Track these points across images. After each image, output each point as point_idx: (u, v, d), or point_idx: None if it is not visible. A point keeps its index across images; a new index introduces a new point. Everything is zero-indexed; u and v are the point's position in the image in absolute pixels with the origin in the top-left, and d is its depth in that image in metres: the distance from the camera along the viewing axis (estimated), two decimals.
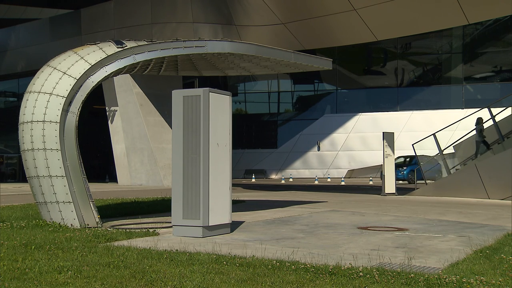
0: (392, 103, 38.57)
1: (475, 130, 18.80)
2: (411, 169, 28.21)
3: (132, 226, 9.67)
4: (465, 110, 32.53)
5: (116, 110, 29.67)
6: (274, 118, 43.30)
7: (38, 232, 8.37)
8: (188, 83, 30.68)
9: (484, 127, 18.62)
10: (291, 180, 36.44)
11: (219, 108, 8.62)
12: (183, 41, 10.47)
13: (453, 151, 20.22)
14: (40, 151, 9.13)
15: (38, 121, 9.14)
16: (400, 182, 28.60)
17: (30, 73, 19.31)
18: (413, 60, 39.73)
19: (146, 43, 10.18)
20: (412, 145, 20.72)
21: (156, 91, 28.64)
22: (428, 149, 21.29)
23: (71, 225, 9.07)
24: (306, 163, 39.37)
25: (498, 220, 11.31)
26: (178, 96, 8.56)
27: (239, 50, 11.09)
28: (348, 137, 38.25)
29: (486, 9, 22.80)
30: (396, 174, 24.89)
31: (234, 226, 9.43)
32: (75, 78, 9.28)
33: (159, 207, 13.26)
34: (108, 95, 29.86)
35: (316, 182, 32.90)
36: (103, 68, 9.57)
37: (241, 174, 39.15)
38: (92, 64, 9.44)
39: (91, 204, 9.29)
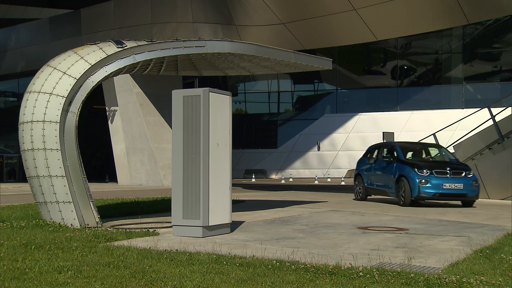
0: (392, 103, 38.57)
1: None
2: None
3: (132, 226, 9.66)
4: (465, 110, 32.50)
5: (116, 110, 29.67)
6: (274, 118, 43.29)
7: (38, 232, 8.37)
8: (188, 83, 30.67)
9: None
10: (291, 180, 36.44)
11: (219, 108, 8.62)
12: (183, 41, 10.47)
13: (453, 151, 20.23)
14: (40, 151, 9.13)
15: (38, 121, 9.14)
16: None
17: (30, 73, 19.29)
18: (413, 60, 39.73)
19: (146, 43, 10.18)
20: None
21: (156, 91, 28.63)
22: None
23: (71, 225, 9.07)
24: (306, 163, 39.37)
25: (498, 220, 11.31)
26: (178, 96, 8.56)
27: (239, 50, 11.09)
28: (348, 137, 38.24)
29: (486, 9, 22.82)
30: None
31: (234, 226, 9.43)
32: (75, 78, 9.28)
33: (159, 207, 13.26)
34: (108, 95, 29.86)
35: (316, 182, 32.91)
36: (103, 68, 9.57)
37: (241, 174, 39.14)
38: (92, 64, 9.43)
39: (91, 204, 9.29)
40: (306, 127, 40.00)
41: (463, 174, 14.67)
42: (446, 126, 20.56)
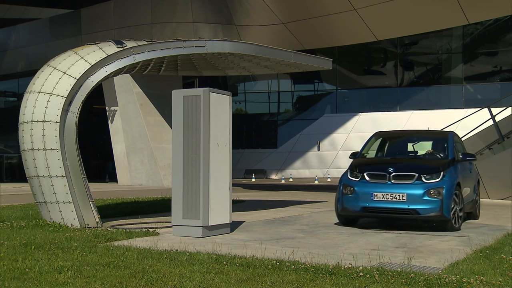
0: (392, 103, 38.56)
1: None
2: None
3: (132, 226, 9.67)
4: (465, 110, 32.48)
5: (116, 110, 29.66)
6: (274, 118, 43.27)
7: (38, 232, 8.37)
8: (188, 83, 30.66)
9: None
10: (291, 180, 36.44)
11: (219, 108, 8.62)
12: (183, 41, 10.47)
13: None
14: (40, 151, 9.13)
15: (38, 121, 9.14)
16: None
17: (30, 73, 19.29)
18: (413, 60, 39.72)
19: (146, 43, 10.18)
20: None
21: (156, 91, 28.63)
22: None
23: (71, 225, 9.07)
24: (306, 163, 39.37)
25: (498, 220, 11.31)
26: (178, 96, 8.57)
27: (239, 50, 11.10)
28: (348, 137, 38.23)
29: (486, 9, 22.82)
30: None
31: (234, 226, 9.43)
32: (75, 78, 9.28)
33: (159, 207, 13.26)
34: (108, 95, 29.85)
35: (316, 182, 32.90)
36: (103, 68, 9.57)
37: (241, 174, 39.13)
38: (92, 64, 9.43)
39: (91, 204, 9.29)
40: (306, 127, 39.99)
41: (414, 179, 9.32)
42: (446, 126, 20.52)
